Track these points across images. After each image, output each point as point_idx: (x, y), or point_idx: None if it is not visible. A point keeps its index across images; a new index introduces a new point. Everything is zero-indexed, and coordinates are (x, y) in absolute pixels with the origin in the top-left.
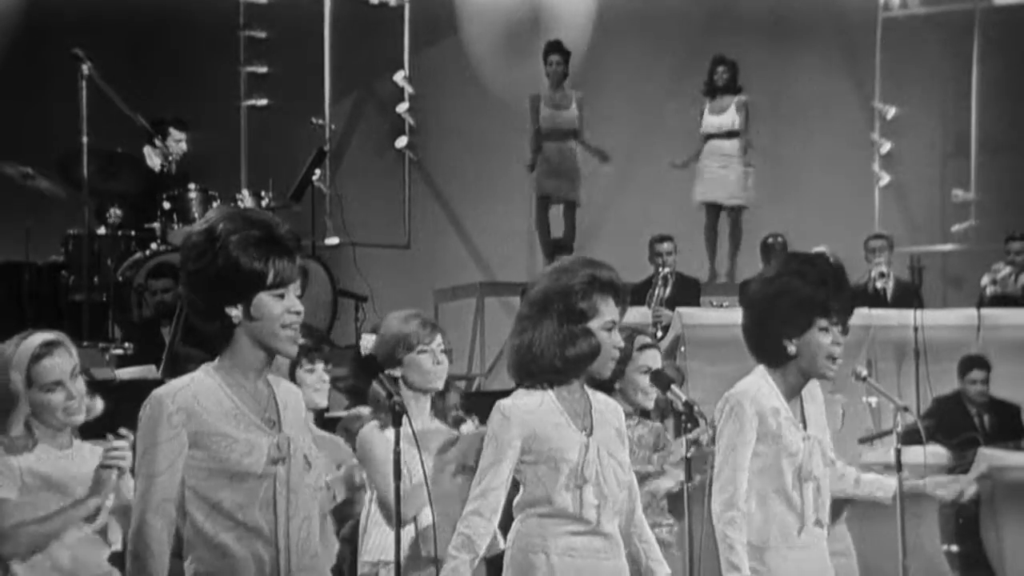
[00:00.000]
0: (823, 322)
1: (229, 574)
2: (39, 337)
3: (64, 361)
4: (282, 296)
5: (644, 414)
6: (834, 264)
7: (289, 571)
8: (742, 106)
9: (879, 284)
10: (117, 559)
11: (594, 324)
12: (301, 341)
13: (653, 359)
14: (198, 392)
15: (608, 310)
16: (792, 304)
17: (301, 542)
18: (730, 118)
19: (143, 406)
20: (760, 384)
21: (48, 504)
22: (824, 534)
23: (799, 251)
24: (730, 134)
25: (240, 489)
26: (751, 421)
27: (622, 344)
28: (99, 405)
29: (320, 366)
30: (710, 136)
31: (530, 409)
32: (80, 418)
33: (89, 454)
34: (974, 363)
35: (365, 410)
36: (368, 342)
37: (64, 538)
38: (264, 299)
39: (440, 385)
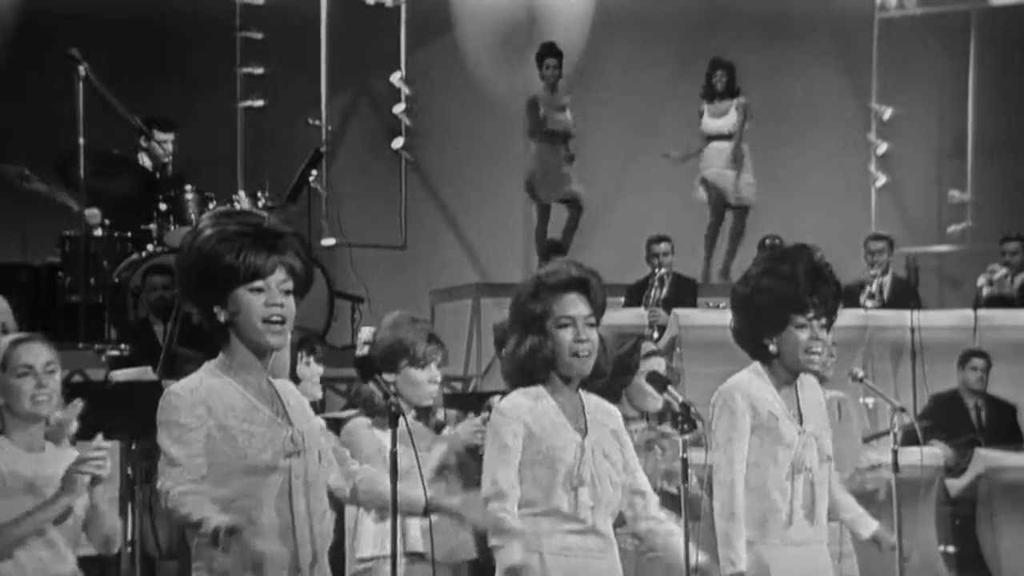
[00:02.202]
0: (799, 319)
1: (238, 571)
2: (22, 334)
3: (38, 351)
4: (260, 290)
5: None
6: (811, 259)
7: (314, 564)
8: (741, 107)
9: (868, 304)
10: (87, 563)
11: (548, 323)
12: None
13: (656, 366)
14: (211, 390)
15: (563, 307)
16: (766, 303)
17: (323, 536)
18: (730, 121)
19: (160, 406)
20: (752, 378)
21: (23, 507)
22: (822, 531)
23: (779, 248)
24: (731, 136)
25: (254, 484)
26: (744, 413)
27: (587, 338)
28: (74, 426)
29: (312, 358)
30: (711, 138)
31: (527, 408)
32: (46, 410)
33: (61, 457)
34: (974, 353)
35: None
36: (367, 335)
37: (29, 544)
38: (240, 294)
39: (430, 402)
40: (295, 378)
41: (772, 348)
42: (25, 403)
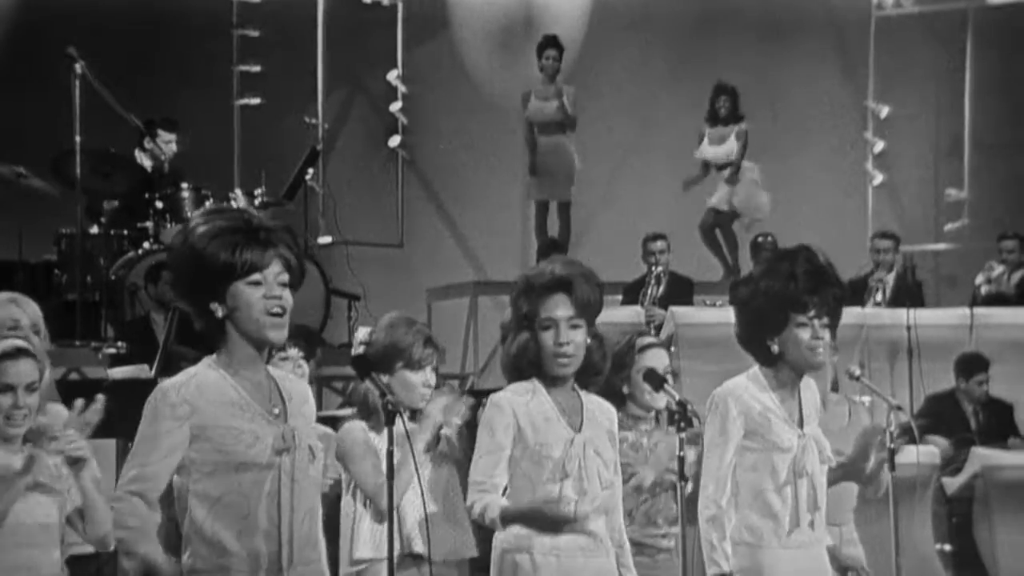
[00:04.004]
0: (800, 317)
1: (225, 571)
2: (14, 342)
3: (24, 370)
4: (258, 284)
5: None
6: (810, 257)
7: (291, 564)
8: (742, 134)
9: (876, 298)
10: (75, 562)
11: (535, 324)
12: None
13: (655, 358)
14: (202, 385)
15: (546, 308)
16: (767, 303)
17: (303, 535)
18: (728, 148)
19: (148, 399)
20: (747, 383)
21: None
22: (822, 533)
23: (780, 248)
24: (728, 165)
25: (245, 481)
26: (734, 420)
27: (568, 341)
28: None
29: (294, 352)
30: (708, 166)
31: (522, 402)
32: (16, 432)
33: (38, 455)
34: (979, 365)
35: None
36: (364, 335)
37: (15, 538)
38: (239, 288)
39: (423, 405)
40: None
41: (775, 349)
42: None
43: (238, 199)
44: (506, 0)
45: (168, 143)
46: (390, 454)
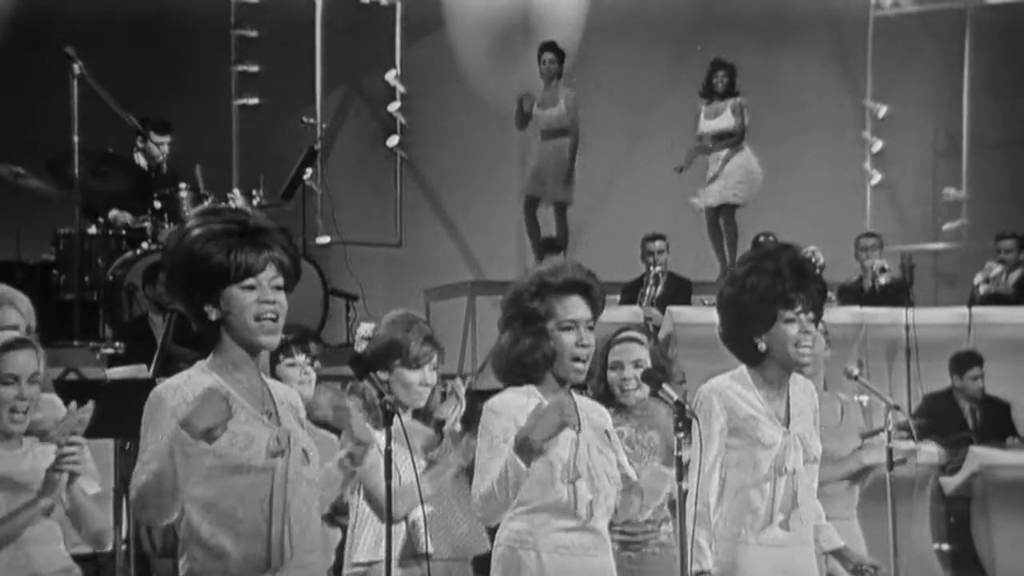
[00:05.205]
0: (788, 313)
1: (223, 574)
2: (14, 334)
3: (27, 361)
4: (252, 288)
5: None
6: (794, 254)
7: (282, 566)
8: (739, 109)
9: (882, 280)
10: (82, 561)
11: (550, 324)
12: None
13: (621, 353)
14: (197, 388)
15: (566, 310)
16: (753, 301)
17: (296, 537)
18: (726, 122)
19: (146, 403)
20: (731, 381)
21: (2, 503)
22: (805, 533)
23: (761, 247)
24: (726, 136)
25: (241, 484)
26: (718, 416)
27: (587, 344)
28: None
29: (302, 358)
30: (709, 139)
31: (519, 405)
32: (22, 427)
33: (40, 452)
34: (972, 360)
35: None
36: (366, 331)
37: (19, 536)
38: (233, 292)
39: (422, 404)
40: (276, 378)
41: (762, 346)
42: (3, 413)
43: (236, 199)
44: (504, 1)
45: (160, 144)
46: (388, 453)
